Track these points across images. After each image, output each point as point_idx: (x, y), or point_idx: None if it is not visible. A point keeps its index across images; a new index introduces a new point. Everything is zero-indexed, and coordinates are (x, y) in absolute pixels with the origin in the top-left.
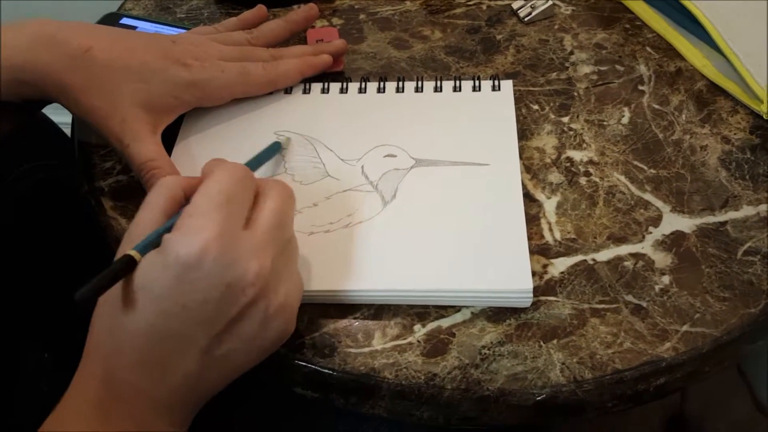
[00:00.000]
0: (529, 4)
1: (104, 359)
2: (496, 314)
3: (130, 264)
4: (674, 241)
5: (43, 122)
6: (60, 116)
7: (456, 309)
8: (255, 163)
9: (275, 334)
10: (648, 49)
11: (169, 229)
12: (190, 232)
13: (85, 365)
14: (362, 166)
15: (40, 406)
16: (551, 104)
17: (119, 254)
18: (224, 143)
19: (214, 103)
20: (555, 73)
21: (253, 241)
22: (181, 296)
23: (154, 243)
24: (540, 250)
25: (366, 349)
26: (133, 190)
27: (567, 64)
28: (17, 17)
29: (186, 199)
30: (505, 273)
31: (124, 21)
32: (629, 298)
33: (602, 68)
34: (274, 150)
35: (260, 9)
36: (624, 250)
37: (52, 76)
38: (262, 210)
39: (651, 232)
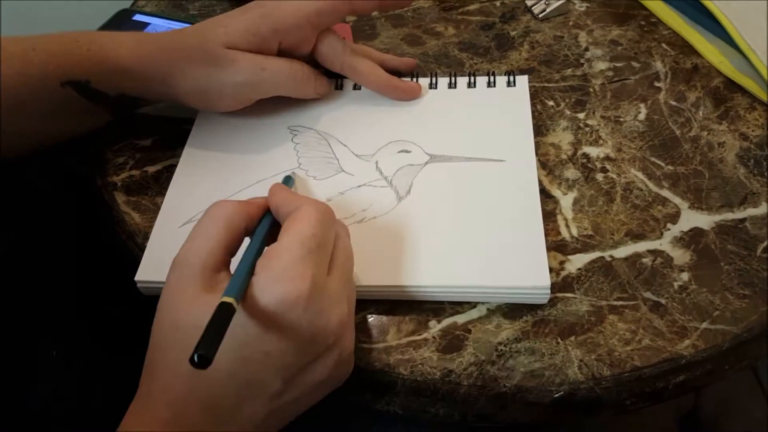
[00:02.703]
0: (543, 1)
1: (173, 403)
2: (512, 311)
3: (230, 312)
4: (693, 238)
5: None
6: None
7: (471, 305)
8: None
9: (339, 377)
10: (664, 45)
11: (248, 267)
12: (283, 279)
13: (147, 406)
14: (376, 162)
15: (48, 403)
16: (567, 100)
17: (170, 282)
18: (238, 138)
19: (291, 34)
20: (570, 70)
21: (336, 288)
22: (264, 343)
23: (243, 287)
24: (557, 246)
25: (380, 345)
26: (145, 185)
27: (582, 61)
28: (20, 15)
29: (245, 230)
30: (522, 269)
31: (137, 18)
32: (648, 295)
33: (618, 65)
34: (288, 184)
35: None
36: (642, 246)
37: (156, 67)
38: (338, 252)
39: (669, 229)
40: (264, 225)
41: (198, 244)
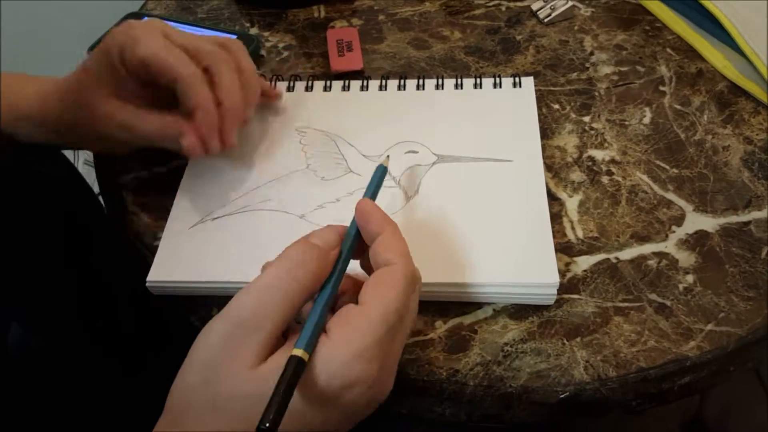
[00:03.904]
0: (548, 6)
1: None
2: (518, 312)
3: (301, 367)
4: (698, 241)
5: None
6: None
7: (478, 306)
8: (373, 194)
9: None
10: (668, 50)
11: (321, 319)
12: (363, 359)
13: None
14: None
15: (49, 407)
16: (572, 104)
17: (226, 342)
18: (247, 139)
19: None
20: (575, 73)
21: (397, 355)
22: (314, 418)
23: (315, 339)
24: (562, 248)
25: None
26: (153, 185)
27: (587, 65)
28: (28, 18)
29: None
30: (531, 267)
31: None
32: (653, 296)
33: (623, 69)
34: (383, 174)
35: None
36: (647, 249)
37: (61, 115)
38: (409, 319)
39: (674, 231)
40: (337, 277)
41: (274, 305)
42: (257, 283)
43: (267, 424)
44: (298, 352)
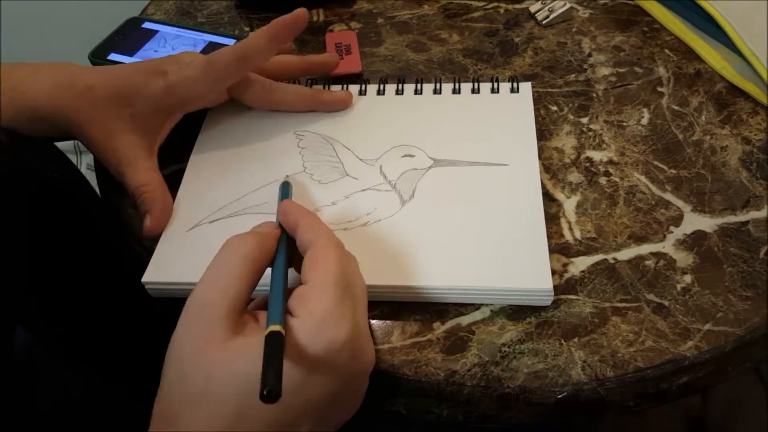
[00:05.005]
0: (546, 8)
1: None
2: (516, 312)
3: (283, 341)
4: (695, 241)
5: None
6: None
7: (475, 307)
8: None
9: (354, 410)
10: (666, 51)
11: (284, 295)
12: (329, 323)
13: None
14: (380, 166)
15: (55, 408)
16: (570, 105)
17: (191, 325)
18: (245, 143)
19: (197, 104)
20: (573, 75)
21: (366, 324)
22: (308, 388)
23: (284, 314)
24: (560, 249)
25: (385, 346)
26: None
27: (585, 66)
28: (30, 22)
29: (265, 267)
30: (525, 272)
31: (146, 25)
32: (651, 296)
33: (621, 70)
34: (287, 189)
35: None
36: (645, 249)
37: (65, 114)
38: (359, 287)
39: (672, 232)
40: (282, 256)
41: (223, 283)
42: (205, 271)
43: (269, 388)
44: (274, 327)
